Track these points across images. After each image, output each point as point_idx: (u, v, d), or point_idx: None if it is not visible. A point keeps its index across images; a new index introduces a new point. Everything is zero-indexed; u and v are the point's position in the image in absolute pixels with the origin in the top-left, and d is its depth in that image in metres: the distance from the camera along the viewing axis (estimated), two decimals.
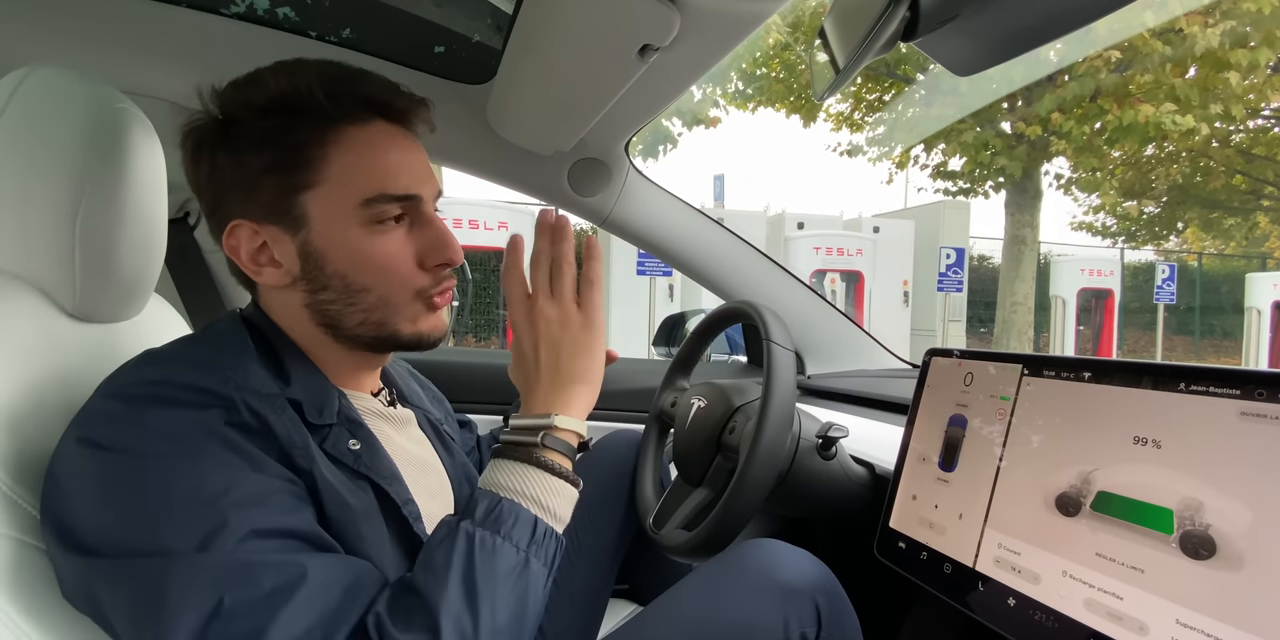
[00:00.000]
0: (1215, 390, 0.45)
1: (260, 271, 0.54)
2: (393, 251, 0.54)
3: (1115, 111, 6.38)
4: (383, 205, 0.53)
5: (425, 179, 0.56)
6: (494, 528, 0.47)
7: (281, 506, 0.44)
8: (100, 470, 0.42)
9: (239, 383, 0.47)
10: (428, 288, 0.56)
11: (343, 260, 0.53)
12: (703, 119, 7.53)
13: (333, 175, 0.52)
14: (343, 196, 0.52)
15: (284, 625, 0.38)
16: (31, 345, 0.52)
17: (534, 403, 0.55)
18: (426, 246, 0.55)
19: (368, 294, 0.54)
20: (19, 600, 0.43)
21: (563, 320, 0.56)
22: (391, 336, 0.56)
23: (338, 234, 0.52)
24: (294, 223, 0.52)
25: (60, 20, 0.86)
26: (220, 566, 0.40)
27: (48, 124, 0.53)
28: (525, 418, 0.54)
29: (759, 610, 0.57)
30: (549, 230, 0.57)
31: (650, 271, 5.54)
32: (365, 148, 0.53)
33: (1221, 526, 0.42)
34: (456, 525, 0.47)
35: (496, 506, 0.48)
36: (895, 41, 0.47)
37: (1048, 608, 0.49)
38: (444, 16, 0.97)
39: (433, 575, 0.44)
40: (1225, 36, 5.79)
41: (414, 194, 0.55)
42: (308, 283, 0.53)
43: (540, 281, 0.56)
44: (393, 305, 0.55)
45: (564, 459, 0.53)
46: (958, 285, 6.68)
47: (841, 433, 0.75)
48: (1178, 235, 12.91)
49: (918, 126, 7.86)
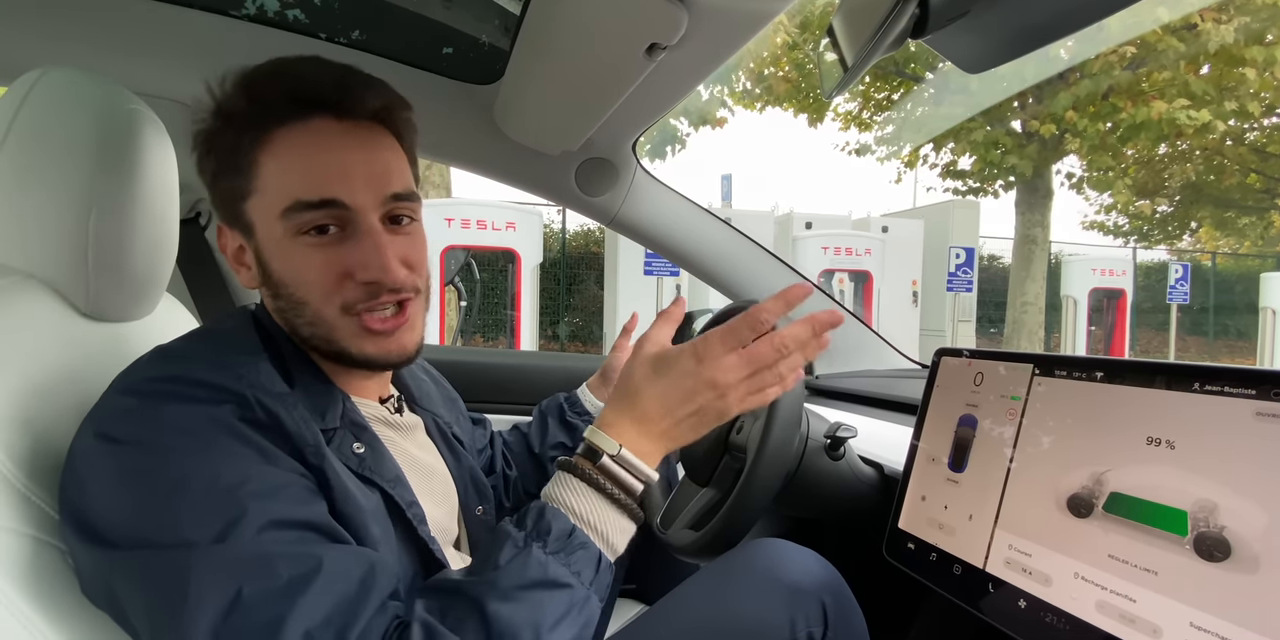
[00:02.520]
0: (1230, 390, 0.44)
1: (239, 271, 0.55)
2: (314, 264, 0.50)
3: (1129, 109, 6.31)
4: (300, 214, 0.49)
5: (359, 183, 0.50)
6: (565, 561, 0.44)
7: (295, 499, 0.45)
8: (117, 464, 0.43)
9: (250, 380, 0.48)
10: (355, 302, 0.51)
11: (280, 270, 0.52)
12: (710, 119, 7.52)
13: (263, 183, 0.50)
14: (269, 205, 0.50)
15: (302, 616, 0.39)
16: (45, 344, 0.52)
17: (632, 435, 0.50)
18: (355, 261, 0.50)
19: (305, 307, 0.52)
20: (34, 596, 0.43)
21: (729, 393, 0.49)
22: (342, 353, 0.53)
23: (275, 243, 0.51)
24: (245, 229, 0.53)
25: (73, 23, 0.87)
26: (238, 558, 0.40)
27: (61, 125, 0.54)
28: (607, 440, 0.49)
29: (765, 610, 0.57)
30: (825, 323, 0.49)
31: (657, 271, 5.53)
32: (288, 151, 0.50)
33: (1236, 528, 0.41)
34: (526, 546, 0.44)
35: (570, 534, 0.46)
36: (904, 38, 0.47)
37: (1059, 610, 0.49)
38: (452, 18, 0.97)
39: (495, 591, 0.42)
40: (1240, 32, 5.72)
41: (332, 199, 0.49)
42: (267, 288, 0.54)
43: (763, 352, 0.49)
44: (326, 322, 0.52)
45: (634, 488, 0.50)
46: (967, 285, 6.63)
47: (850, 433, 0.75)
48: (1191, 234, 12.77)
49: (927, 125, 7.82)
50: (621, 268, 6.09)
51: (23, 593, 0.43)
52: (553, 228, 7.95)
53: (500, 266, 5.73)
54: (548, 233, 7.38)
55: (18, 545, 0.44)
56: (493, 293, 6.82)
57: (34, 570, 0.44)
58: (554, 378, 1.25)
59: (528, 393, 1.22)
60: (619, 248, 6.15)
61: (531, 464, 0.90)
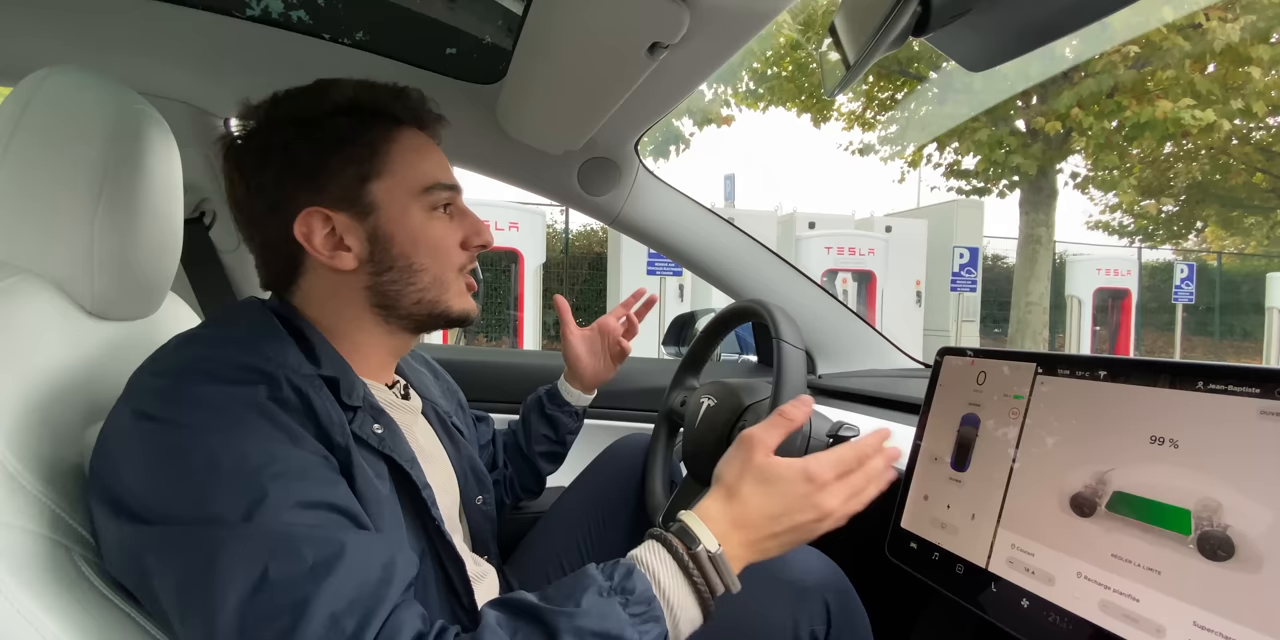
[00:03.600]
0: (1234, 389, 0.44)
1: (334, 256, 0.57)
2: (445, 234, 0.61)
3: (1134, 108, 6.29)
4: (439, 193, 0.60)
5: (454, 177, 0.64)
6: (639, 627, 0.44)
7: (321, 480, 0.45)
8: (150, 441, 0.44)
9: (279, 361, 0.49)
10: (464, 264, 0.63)
11: (406, 242, 0.58)
12: (715, 117, 7.51)
13: (396, 168, 0.58)
14: (406, 185, 0.59)
15: (328, 598, 0.39)
16: (50, 343, 0.52)
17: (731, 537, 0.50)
18: (469, 231, 0.63)
19: (425, 274, 0.60)
20: (39, 593, 0.43)
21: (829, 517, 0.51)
22: (444, 313, 0.62)
23: (402, 218, 0.58)
24: (364, 209, 0.57)
25: (78, 23, 0.87)
26: (264, 537, 0.41)
27: (67, 125, 0.54)
28: (709, 536, 0.49)
29: (769, 608, 0.57)
30: (893, 457, 0.56)
31: (660, 271, 5.53)
32: (417, 146, 0.60)
33: (1240, 527, 0.41)
34: (610, 596, 0.44)
35: (650, 603, 0.45)
36: (906, 37, 0.47)
37: (1062, 609, 0.49)
38: (455, 18, 0.97)
39: (571, 627, 0.42)
40: (1246, 31, 5.69)
41: (458, 184, 0.62)
42: (373, 265, 0.58)
43: (858, 481, 0.53)
44: (443, 283, 0.61)
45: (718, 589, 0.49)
46: (971, 285, 6.62)
47: (852, 432, 0.75)
48: (1197, 234, 12.71)
49: (931, 124, 7.80)
50: (624, 268, 6.09)
51: (28, 590, 0.43)
52: (556, 228, 7.96)
53: (503, 266, 5.75)
54: (551, 233, 7.39)
55: (23, 542, 0.44)
56: (496, 293, 6.84)
57: (40, 568, 0.44)
58: (556, 377, 1.25)
59: (530, 392, 1.22)
60: (621, 248, 6.15)
61: (523, 461, 0.92)
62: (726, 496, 0.51)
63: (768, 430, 0.54)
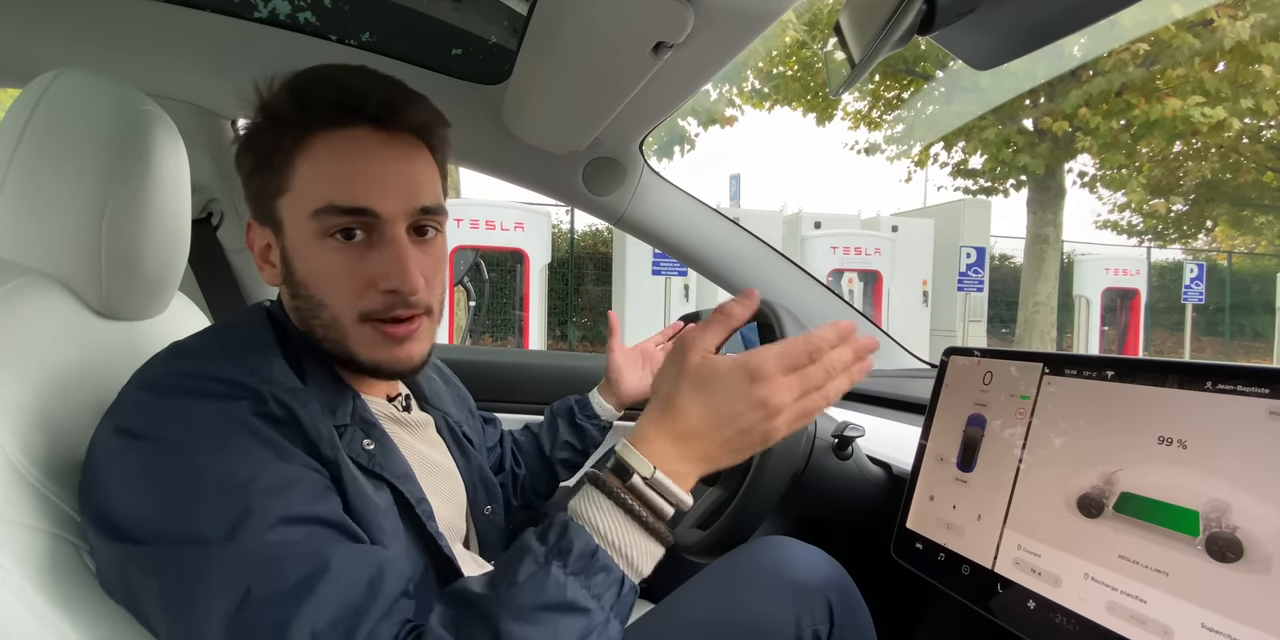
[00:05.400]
0: (1244, 389, 0.44)
1: (264, 268, 0.56)
2: (337, 269, 0.51)
3: (1143, 106, 6.24)
4: (330, 217, 0.50)
5: (391, 193, 0.52)
6: (586, 583, 0.42)
7: (308, 494, 0.45)
8: (134, 458, 0.44)
9: (265, 375, 0.48)
10: (375, 311, 0.52)
11: (303, 270, 0.53)
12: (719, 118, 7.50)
13: (298, 182, 0.51)
14: (301, 205, 0.51)
15: (308, 618, 0.39)
16: (59, 342, 0.53)
17: (669, 454, 0.46)
18: (378, 270, 0.52)
19: (324, 309, 0.53)
20: (49, 591, 0.44)
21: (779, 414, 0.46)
22: (351, 359, 0.54)
23: (302, 243, 0.52)
24: (275, 226, 0.54)
25: (86, 25, 0.88)
26: (248, 555, 0.40)
27: (75, 126, 0.55)
28: (640, 460, 0.45)
29: (771, 607, 0.57)
30: (866, 347, 0.49)
31: (665, 271, 5.53)
32: (327, 155, 0.51)
33: (1249, 528, 0.41)
34: (546, 563, 0.42)
35: (592, 555, 0.42)
36: (911, 35, 0.46)
37: (1069, 611, 0.48)
38: (461, 19, 0.98)
39: (510, 610, 0.40)
40: (1256, 29, 5.64)
41: (364, 207, 0.51)
42: (288, 286, 0.55)
43: (815, 374, 0.47)
44: (341, 326, 0.53)
45: (665, 512, 0.46)
46: (978, 285, 6.59)
47: (857, 432, 0.75)
48: (1206, 233, 12.60)
49: (937, 124, 7.76)
50: (630, 268, 6.10)
51: (38, 587, 0.43)
52: (561, 228, 7.97)
53: (509, 266, 5.76)
54: (556, 233, 7.40)
55: (33, 540, 0.45)
56: (501, 293, 6.85)
57: (49, 565, 0.45)
58: (563, 377, 1.25)
59: (536, 392, 1.22)
60: (627, 248, 6.15)
61: (541, 465, 0.90)
62: (663, 409, 0.46)
63: (704, 329, 0.48)
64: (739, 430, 0.45)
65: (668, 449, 0.46)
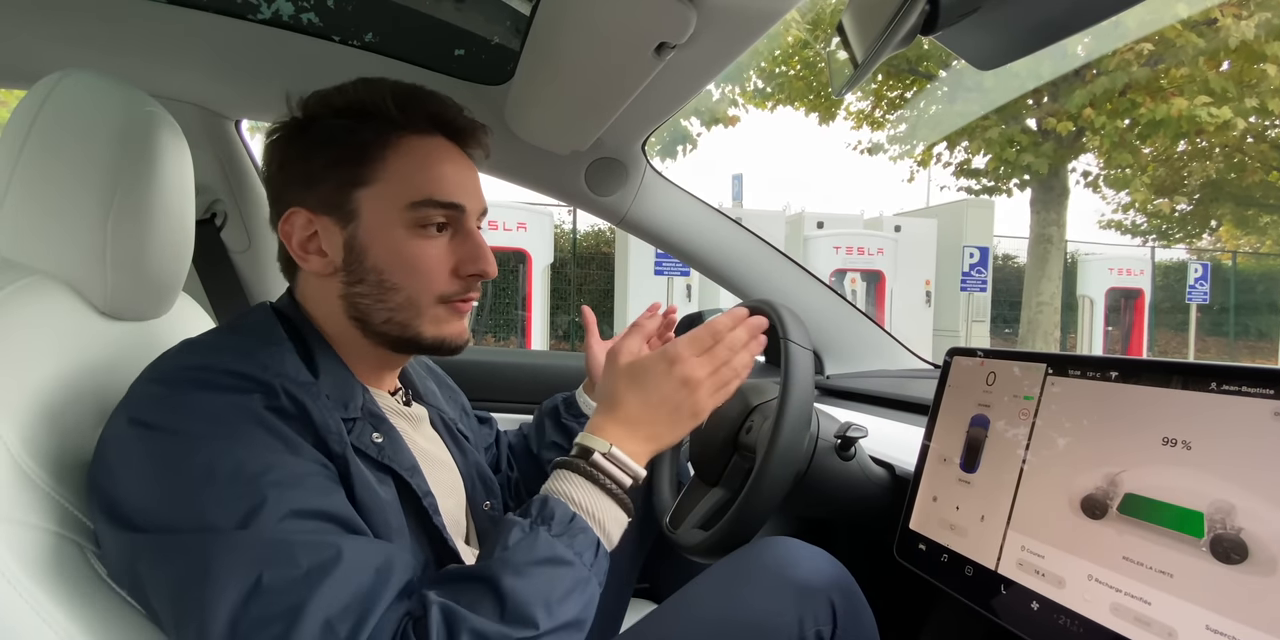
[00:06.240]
0: (1248, 390, 0.43)
1: (306, 258, 0.57)
2: (430, 256, 0.57)
3: (1147, 105, 6.22)
4: (428, 210, 0.56)
5: (472, 194, 0.59)
6: (569, 542, 0.48)
7: (317, 488, 0.46)
8: (146, 449, 0.44)
9: (276, 370, 0.49)
10: (454, 294, 0.58)
11: (382, 257, 0.56)
12: (722, 117, 7.50)
13: (388, 176, 0.56)
14: (393, 197, 0.56)
15: (322, 604, 0.39)
16: (64, 342, 0.53)
17: (621, 437, 0.55)
18: (464, 257, 0.58)
19: (397, 293, 0.56)
20: (53, 591, 0.44)
21: (699, 388, 0.56)
22: (414, 338, 0.58)
23: (383, 231, 0.56)
24: (346, 216, 0.56)
25: (91, 27, 0.88)
26: (259, 544, 0.41)
27: (80, 127, 0.55)
28: (598, 441, 0.54)
29: (774, 608, 0.57)
30: (756, 327, 0.60)
31: (668, 271, 5.53)
32: (421, 156, 0.57)
33: (1254, 530, 0.40)
34: (533, 529, 0.48)
35: (571, 520, 0.49)
36: (914, 35, 0.46)
37: (1073, 612, 0.48)
38: (463, 19, 0.98)
39: (507, 568, 0.45)
40: (1261, 28, 5.61)
41: (458, 203, 0.58)
42: (346, 274, 0.56)
43: (720, 352, 0.58)
44: (417, 307, 0.57)
45: (624, 482, 0.54)
46: (981, 285, 6.58)
47: (860, 433, 0.74)
48: (1211, 233, 12.54)
49: (940, 123, 7.74)
50: (632, 268, 6.10)
51: (42, 586, 0.44)
52: (563, 228, 7.98)
53: (511, 266, 5.77)
54: (558, 233, 7.40)
55: (37, 540, 0.45)
56: (504, 293, 6.86)
57: (54, 565, 0.45)
58: (564, 377, 1.25)
59: (538, 392, 1.22)
60: (629, 248, 6.16)
61: (531, 464, 0.91)
62: (608, 405, 0.57)
63: (624, 339, 0.64)
64: (670, 408, 0.56)
65: (618, 433, 0.55)
